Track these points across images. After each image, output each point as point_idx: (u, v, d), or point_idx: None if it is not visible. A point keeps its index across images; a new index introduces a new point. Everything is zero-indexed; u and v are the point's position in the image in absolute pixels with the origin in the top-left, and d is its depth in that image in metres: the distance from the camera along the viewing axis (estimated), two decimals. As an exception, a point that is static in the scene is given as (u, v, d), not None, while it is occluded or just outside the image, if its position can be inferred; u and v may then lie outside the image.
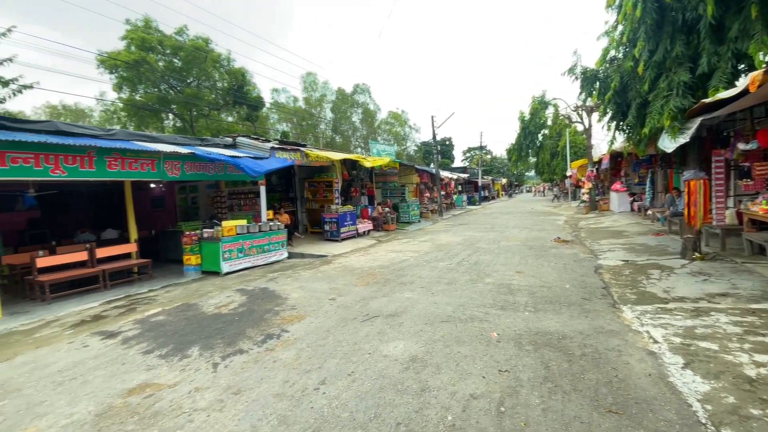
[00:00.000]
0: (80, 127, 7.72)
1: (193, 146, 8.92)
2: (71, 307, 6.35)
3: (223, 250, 8.25)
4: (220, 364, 3.71)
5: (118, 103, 26.63)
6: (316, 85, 43.57)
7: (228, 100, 28.66)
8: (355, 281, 6.89)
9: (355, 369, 3.45)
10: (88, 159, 6.83)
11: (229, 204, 11.70)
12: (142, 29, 24.16)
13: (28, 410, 3.08)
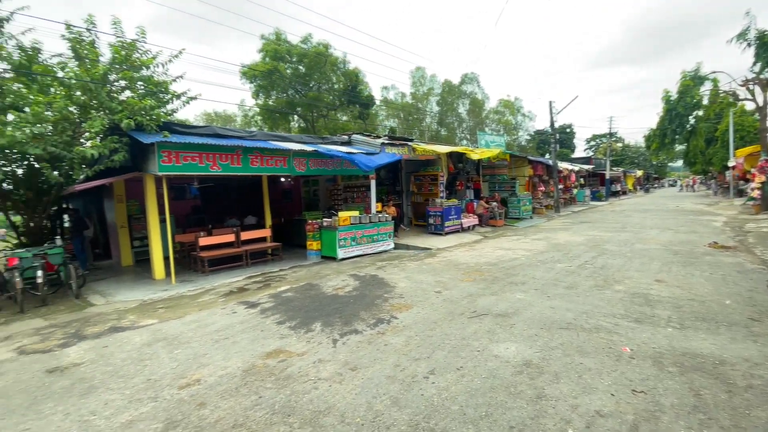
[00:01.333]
0: (230, 130, 9.23)
1: (315, 144, 9.88)
2: (222, 280, 7.71)
3: (339, 238, 8.98)
4: (338, 340, 4.08)
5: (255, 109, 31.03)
6: (424, 79, 43.81)
7: (343, 101, 30.86)
8: (460, 276, 6.79)
9: (463, 364, 3.42)
10: (236, 157, 8.14)
11: (344, 196, 12.65)
12: (274, 42, 27.57)
13: (195, 359, 3.86)
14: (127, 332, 4.83)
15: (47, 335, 5.03)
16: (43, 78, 7.74)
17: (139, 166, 7.73)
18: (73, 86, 7.54)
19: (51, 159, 7.30)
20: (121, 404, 3.03)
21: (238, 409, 2.84)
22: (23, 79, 7.60)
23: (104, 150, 7.04)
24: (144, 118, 7.28)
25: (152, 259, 8.16)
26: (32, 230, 9.06)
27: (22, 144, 6.72)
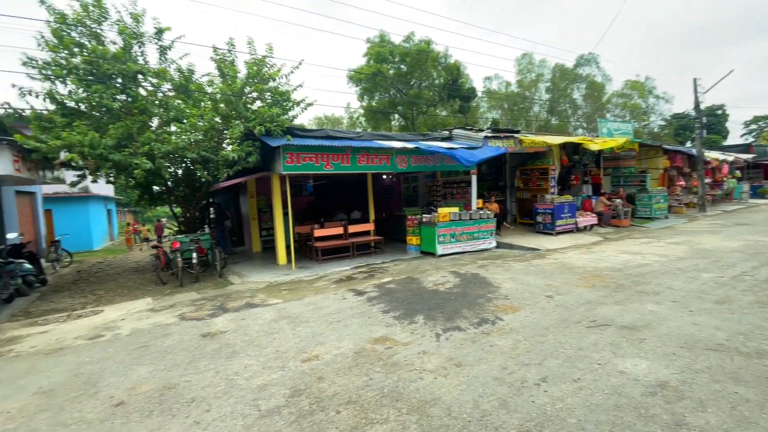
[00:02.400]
0: (341, 132, 9.95)
1: (416, 141, 10.03)
2: (333, 268, 8.40)
3: (438, 234, 8.98)
4: (441, 335, 4.12)
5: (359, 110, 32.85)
6: (532, 65, 40.63)
7: (443, 96, 30.59)
8: (575, 281, 6.18)
9: (581, 376, 3.13)
10: (346, 156, 8.75)
11: (443, 192, 12.59)
12: (378, 44, 28.68)
13: (314, 337, 4.30)
14: (258, 309, 5.63)
15: (200, 306, 6.16)
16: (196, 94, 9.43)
17: (268, 166, 8.87)
18: (218, 100, 9.02)
19: (202, 161, 8.85)
20: (257, 369, 3.56)
21: (351, 387, 3.09)
22: (182, 96, 9.34)
23: (242, 153, 8.27)
24: (271, 124, 8.32)
25: (277, 247, 9.32)
26: (188, 220, 11.13)
27: (182, 149, 8.29)
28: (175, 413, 2.88)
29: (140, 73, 8.49)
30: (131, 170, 7.94)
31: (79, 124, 7.64)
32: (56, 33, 7.94)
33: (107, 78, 8.12)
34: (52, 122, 7.85)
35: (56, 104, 8.13)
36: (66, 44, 7.78)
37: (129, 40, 8.53)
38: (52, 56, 7.91)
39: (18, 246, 8.49)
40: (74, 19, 8.15)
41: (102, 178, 9.70)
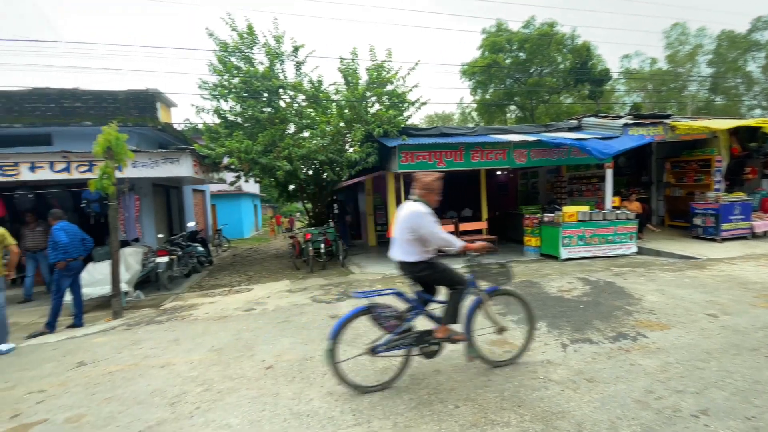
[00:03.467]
0: (454, 128, 9.87)
1: (537, 133, 9.30)
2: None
3: (563, 236, 8.19)
4: (569, 346, 3.78)
5: (472, 105, 31.94)
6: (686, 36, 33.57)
7: (569, 81, 27.60)
8: (751, 299, 4.95)
9: (757, 414, 2.52)
10: (459, 153, 8.66)
11: (569, 189, 11.42)
12: (494, 34, 27.39)
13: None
14: (376, 299, 6.02)
15: (327, 290, 6.87)
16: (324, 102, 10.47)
17: (384, 165, 9.35)
18: (343, 106, 9.86)
19: (329, 162, 9.81)
20: (378, 354, 3.82)
21: (470, 385, 3.08)
22: (313, 105, 10.48)
23: (362, 154, 8.91)
24: (389, 126, 8.74)
25: (390, 242, 9.78)
26: (316, 214, 12.47)
27: (314, 152, 9.32)
28: (311, 382, 3.31)
29: (281, 88, 9.83)
30: (274, 171, 9.27)
31: (237, 134, 9.24)
32: (221, 60, 9.74)
33: (257, 94, 9.63)
34: (218, 133, 9.67)
35: (220, 118, 9.99)
36: (228, 68, 9.48)
37: (273, 59, 9.95)
38: (219, 79, 9.74)
39: (194, 233, 10.73)
40: (233, 47, 9.88)
41: (251, 179, 11.58)
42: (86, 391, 3.38)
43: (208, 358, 4.00)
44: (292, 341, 4.32)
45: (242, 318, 5.46)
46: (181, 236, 9.72)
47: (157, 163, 7.46)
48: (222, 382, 3.39)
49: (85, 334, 5.16)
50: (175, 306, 6.49)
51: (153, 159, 7.44)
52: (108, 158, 5.73)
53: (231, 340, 4.53)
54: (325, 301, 6.07)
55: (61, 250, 5.24)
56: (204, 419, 2.79)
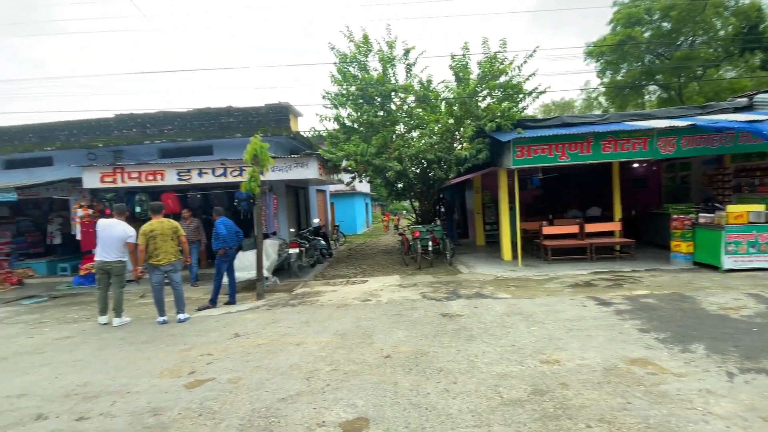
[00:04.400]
0: (579, 117, 8.89)
1: (691, 117, 7.77)
2: (565, 270, 7.68)
3: (727, 241, 6.68)
4: (736, 375, 3.09)
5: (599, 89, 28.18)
6: None
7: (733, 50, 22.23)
8: None
9: None
10: (586, 144, 7.76)
11: (735, 183, 9.23)
12: (629, 5, 23.65)
13: (551, 341, 4.08)
14: (488, 300, 5.84)
15: (436, 288, 6.92)
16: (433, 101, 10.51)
17: (495, 161, 8.96)
18: (452, 103, 9.76)
19: (437, 161, 9.83)
20: (495, 357, 3.71)
21: (604, 405, 2.76)
22: (422, 105, 10.60)
23: (472, 151, 8.70)
24: (502, 119, 8.35)
25: (501, 242, 9.33)
26: (423, 212, 12.63)
27: (423, 151, 9.46)
28: (428, 376, 3.39)
29: (393, 91, 10.21)
30: (386, 171, 9.72)
31: (354, 138, 9.94)
32: (340, 70, 10.58)
33: (371, 99, 10.21)
34: (338, 138, 10.53)
35: (339, 124, 10.88)
36: (347, 78, 10.24)
37: (385, 65, 10.40)
38: (339, 89, 10.61)
39: (317, 228, 11.94)
40: (350, 58, 10.64)
41: (365, 179, 12.34)
42: (242, 358, 4.08)
43: (334, 341, 4.43)
44: (407, 335, 4.48)
45: (360, 307, 5.89)
46: (308, 231, 10.93)
47: (290, 167, 8.54)
48: (347, 365, 3.72)
49: (238, 311, 6.22)
50: (304, 292, 7.35)
51: (287, 164, 8.54)
52: (254, 164, 6.78)
53: (352, 326, 4.92)
54: (435, 299, 6.13)
55: (221, 240, 6.41)
56: (334, 396, 3.11)
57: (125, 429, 2.80)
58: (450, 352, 3.91)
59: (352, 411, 2.87)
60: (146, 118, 9.84)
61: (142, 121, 9.80)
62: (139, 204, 9.24)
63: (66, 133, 9.93)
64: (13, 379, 3.91)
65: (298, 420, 2.78)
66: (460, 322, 4.81)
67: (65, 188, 9.59)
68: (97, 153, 9.79)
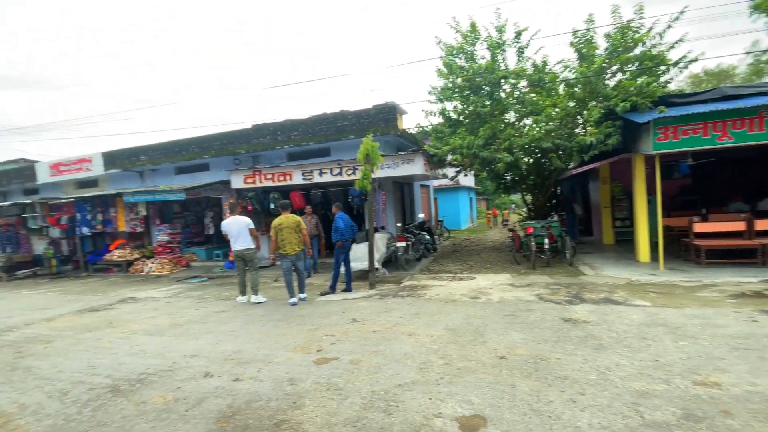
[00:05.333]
0: (745, 87, 7.17)
1: None
2: (726, 277, 6.28)
3: None
4: None
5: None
6: None
7: None
8: None
9: None
10: (758, 121, 6.20)
11: None
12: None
13: (708, 360, 3.39)
14: (621, 306, 5.13)
15: (555, 290, 6.36)
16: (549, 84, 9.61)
17: (629, 147, 7.79)
18: (574, 84, 8.79)
19: (555, 149, 8.98)
20: (631, 371, 3.25)
21: (794, 448, 2.20)
22: (537, 89, 9.79)
23: (600, 136, 7.72)
24: (638, 97, 7.20)
25: (637, 241, 8.09)
26: (537, 207, 11.72)
27: (537, 140, 8.75)
28: (550, 383, 3.15)
29: (503, 78, 9.68)
30: (494, 164, 9.29)
31: (460, 131, 9.75)
32: (446, 63, 10.44)
33: (478, 89, 9.85)
34: (442, 133, 10.46)
35: (444, 118, 10.77)
36: (454, 70, 10.07)
37: (494, 51, 9.90)
38: (444, 82, 10.51)
39: (422, 223, 12.09)
40: (457, 48, 10.41)
41: (470, 173, 12.00)
42: (360, 342, 4.40)
43: (445, 335, 4.44)
44: (523, 337, 4.24)
45: (469, 304, 5.78)
46: (413, 226, 11.16)
47: (397, 164, 8.83)
48: (460, 361, 3.70)
49: (354, 298, 6.71)
50: (411, 284, 7.54)
51: (395, 161, 8.84)
52: (367, 163, 7.19)
53: (462, 323, 4.87)
54: (554, 302, 5.65)
55: (339, 233, 6.99)
56: (448, 390, 3.13)
57: (270, 392, 3.29)
58: (575, 360, 3.56)
59: (467, 407, 2.85)
60: (276, 126, 11.25)
61: (273, 129, 11.24)
62: (273, 201, 10.67)
63: (218, 143, 12.00)
64: (187, 342, 4.91)
65: (415, 407, 2.88)
66: (586, 329, 4.34)
67: (218, 188, 11.62)
68: (241, 158, 11.59)
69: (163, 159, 12.65)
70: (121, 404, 3.26)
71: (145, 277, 11.10)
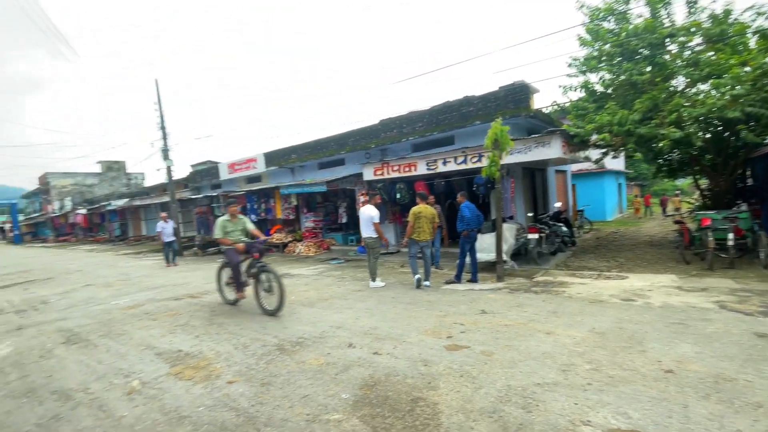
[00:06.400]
0: None
1: None
2: None
3: None
4: None
5: None
6: None
7: None
8: None
9: None
10: None
11: None
12: None
13: None
14: None
15: (743, 298, 5.05)
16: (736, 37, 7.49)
17: None
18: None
19: (745, 119, 7.02)
20: None
21: None
22: (716, 46, 7.73)
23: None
24: None
25: None
26: (716, 194, 9.40)
27: (719, 110, 6.97)
28: (737, 409, 2.54)
29: (669, 37, 7.97)
30: (655, 142, 7.78)
31: (610, 105, 8.43)
32: (590, 30, 9.12)
33: (634, 54, 8.33)
34: (585, 109, 9.22)
35: (588, 92, 9.46)
36: (601, 36, 8.73)
37: (656, 5, 8.22)
38: (588, 51, 9.20)
39: (558, 213, 10.97)
40: (605, 10, 8.97)
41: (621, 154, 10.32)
42: (491, 334, 4.30)
43: (590, 338, 3.99)
44: (697, 351, 3.50)
45: (621, 307, 5.04)
46: (547, 216, 10.24)
47: (529, 148, 8.18)
48: (611, 368, 3.28)
49: (480, 289, 6.57)
50: (545, 280, 6.97)
51: (526, 145, 8.22)
52: (495, 149, 6.87)
53: (612, 326, 4.29)
54: (741, 312, 4.51)
55: (465, 222, 6.91)
56: (598, 398, 2.81)
57: (406, 370, 3.50)
58: (779, 386, 2.79)
59: (623, 420, 2.52)
60: (402, 119, 11.66)
61: (399, 122, 11.68)
62: (399, 191, 11.16)
63: (352, 140, 13.09)
64: (332, 314, 5.57)
65: (558, 410, 2.68)
66: (798, 350, 3.33)
67: (352, 181, 12.72)
68: (371, 152, 12.43)
69: (308, 156, 14.46)
70: (286, 361, 3.92)
71: (296, 257, 12.98)
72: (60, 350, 4.78)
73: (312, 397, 3.11)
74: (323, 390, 3.21)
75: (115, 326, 5.69)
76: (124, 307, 6.92)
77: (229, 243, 5.96)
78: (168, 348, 4.56)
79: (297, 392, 3.21)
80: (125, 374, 3.87)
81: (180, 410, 3.05)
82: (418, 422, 2.65)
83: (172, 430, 2.79)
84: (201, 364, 4.00)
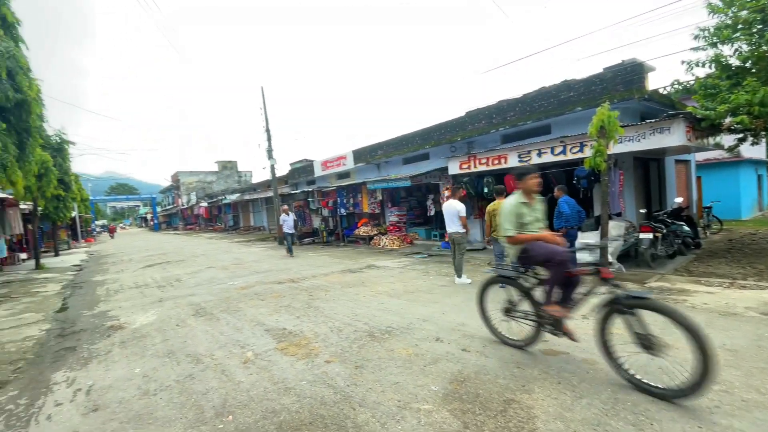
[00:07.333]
0: None
1: None
2: None
3: None
4: None
5: None
6: None
7: None
8: None
9: None
10: None
11: None
12: None
13: None
14: None
15: None
16: None
17: None
18: None
19: None
20: None
21: None
22: None
23: None
24: None
25: None
26: None
27: None
28: None
29: None
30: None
31: (749, 81, 7.00)
32: (726, -7, 7.61)
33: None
34: (716, 87, 7.76)
35: (720, 68, 7.94)
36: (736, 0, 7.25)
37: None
38: (720, 20, 7.71)
39: (677, 209, 9.47)
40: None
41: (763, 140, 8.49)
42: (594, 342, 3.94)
43: (720, 356, 3.41)
44: None
45: (760, 322, 4.21)
46: (664, 213, 8.92)
47: (643, 136, 7.19)
48: (745, 391, 2.78)
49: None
50: (660, 286, 6.11)
51: (640, 132, 7.24)
52: (600, 137, 6.20)
53: (749, 344, 3.61)
54: None
55: (564, 218, 6.39)
56: (728, 423, 2.40)
57: (497, 369, 3.42)
58: None
59: (768, 456, 2.12)
60: (491, 109, 11.18)
61: (488, 113, 11.23)
62: (487, 185, 10.78)
63: (437, 134, 13.00)
64: (418, 307, 5.66)
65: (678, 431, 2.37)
66: None
67: (436, 175, 12.65)
68: (456, 146, 12.19)
69: (393, 152, 14.78)
70: (376, 347, 4.12)
71: (381, 249, 13.43)
72: (191, 321, 5.71)
73: (402, 385, 3.23)
74: (413, 379, 3.31)
75: (232, 303, 6.59)
76: (239, 287, 7.95)
77: (533, 238, 3.63)
78: (275, 326, 5.14)
79: (388, 378, 3.36)
80: (241, 345, 4.47)
81: (286, 382, 3.43)
82: (512, 424, 2.58)
83: (280, 398, 3.15)
84: (302, 342, 4.42)
